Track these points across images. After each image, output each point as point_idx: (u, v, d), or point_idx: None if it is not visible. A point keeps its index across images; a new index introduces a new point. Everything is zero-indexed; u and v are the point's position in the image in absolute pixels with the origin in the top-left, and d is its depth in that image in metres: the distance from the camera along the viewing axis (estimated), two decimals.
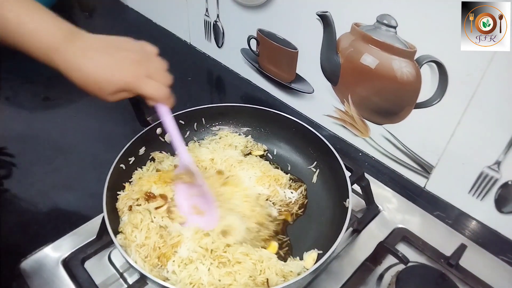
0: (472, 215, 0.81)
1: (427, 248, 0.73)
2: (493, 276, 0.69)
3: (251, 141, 0.85)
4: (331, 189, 0.76)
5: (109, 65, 0.56)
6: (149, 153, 0.78)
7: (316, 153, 0.80)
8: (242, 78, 1.17)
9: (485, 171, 0.74)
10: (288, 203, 0.74)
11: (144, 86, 0.58)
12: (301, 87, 1.00)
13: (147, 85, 0.59)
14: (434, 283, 0.65)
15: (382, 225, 0.78)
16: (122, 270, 0.68)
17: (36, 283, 0.65)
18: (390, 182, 0.87)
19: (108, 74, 0.56)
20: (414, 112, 0.80)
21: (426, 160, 0.83)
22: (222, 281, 0.57)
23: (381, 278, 0.69)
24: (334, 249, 0.59)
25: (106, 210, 0.62)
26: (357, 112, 0.90)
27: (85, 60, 0.56)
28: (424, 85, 0.75)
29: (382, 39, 0.77)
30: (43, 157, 0.91)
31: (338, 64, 0.88)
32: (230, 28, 1.11)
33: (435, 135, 0.79)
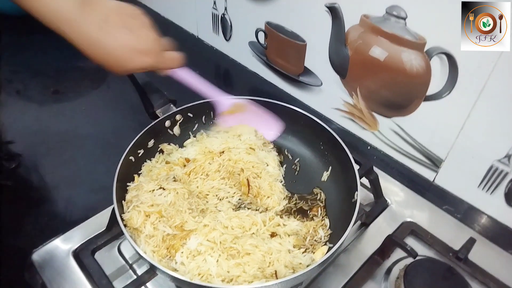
0: (481, 209, 0.80)
1: (435, 242, 0.73)
2: (503, 270, 0.68)
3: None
4: (340, 183, 0.76)
5: (131, 43, 0.56)
6: (157, 145, 0.78)
7: (325, 146, 0.80)
8: (250, 71, 1.16)
9: (495, 164, 0.74)
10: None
11: (163, 62, 0.62)
12: (309, 80, 1.00)
13: (166, 61, 0.62)
14: (442, 277, 0.65)
15: (390, 218, 0.77)
16: (131, 262, 0.69)
17: (47, 274, 0.66)
18: (398, 176, 0.87)
19: (132, 54, 0.57)
20: (423, 105, 0.79)
21: (435, 154, 0.82)
22: (230, 273, 0.58)
23: (389, 271, 0.69)
24: (342, 242, 0.59)
25: (116, 201, 0.62)
26: (366, 105, 0.90)
27: (104, 36, 0.54)
28: (434, 78, 0.75)
29: (391, 30, 0.76)
30: (53, 150, 0.92)
31: (346, 57, 0.87)
32: (238, 21, 1.11)
33: (445, 128, 0.78)
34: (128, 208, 0.64)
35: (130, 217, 0.63)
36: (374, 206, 0.78)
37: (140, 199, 0.65)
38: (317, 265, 0.56)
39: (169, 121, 0.79)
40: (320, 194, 0.76)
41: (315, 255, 0.63)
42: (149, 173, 0.72)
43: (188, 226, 0.63)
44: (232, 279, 0.58)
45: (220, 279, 0.57)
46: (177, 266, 0.60)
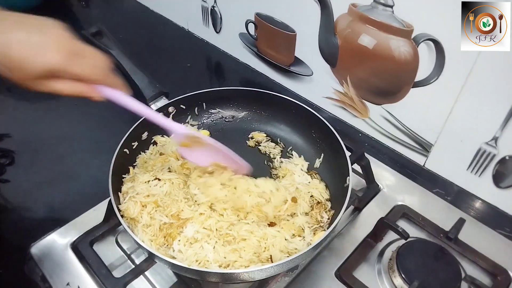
0: (470, 191, 0.82)
1: (426, 223, 0.75)
2: (491, 248, 0.71)
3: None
4: (332, 169, 0.77)
5: (35, 42, 0.48)
6: (151, 137, 0.79)
7: (316, 134, 0.81)
8: (241, 63, 1.17)
9: (483, 147, 0.76)
10: None
11: (76, 66, 0.50)
12: (300, 70, 1.01)
13: (80, 65, 0.51)
14: (434, 257, 0.67)
15: (382, 203, 0.79)
16: (129, 252, 0.70)
17: (46, 266, 0.67)
18: (390, 161, 0.89)
19: (36, 53, 0.48)
20: (412, 91, 0.80)
21: (425, 139, 0.84)
22: (227, 258, 0.59)
23: (382, 253, 0.71)
24: (335, 225, 0.60)
25: (112, 192, 0.63)
26: (356, 93, 0.91)
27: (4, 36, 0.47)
28: (422, 64, 0.76)
29: (379, 19, 0.77)
30: (47, 145, 0.92)
31: (336, 46, 0.88)
32: (227, 13, 1.11)
33: (434, 113, 0.79)
34: (124, 200, 0.65)
35: (127, 207, 0.64)
36: (366, 191, 0.80)
37: (136, 190, 0.66)
38: (311, 248, 0.58)
39: (162, 113, 0.80)
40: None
41: (313, 240, 0.65)
42: (144, 165, 0.73)
43: (184, 214, 0.64)
44: (229, 265, 0.59)
45: (217, 264, 0.59)
46: (175, 254, 0.61)
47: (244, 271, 0.56)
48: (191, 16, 1.24)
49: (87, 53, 0.52)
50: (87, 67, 0.52)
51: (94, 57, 0.53)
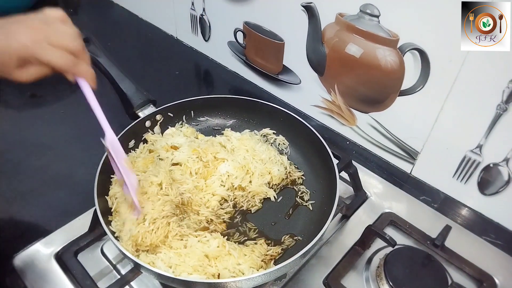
0: (456, 198, 0.83)
1: (413, 231, 0.75)
2: (477, 255, 0.71)
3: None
4: (320, 177, 0.77)
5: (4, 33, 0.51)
6: (137, 145, 0.79)
7: (304, 141, 0.81)
8: (230, 71, 1.17)
9: (468, 155, 0.77)
10: None
11: (44, 52, 0.53)
12: (288, 78, 1.02)
13: (48, 51, 0.53)
14: (421, 264, 0.67)
15: (370, 210, 0.79)
16: (115, 262, 0.69)
17: (29, 278, 0.66)
18: (377, 169, 0.89)
19: (3, 42, 0.51)
20: (398, 99, 0.81)
21: (411, 147, 0.85)
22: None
23: (370, 261, 0.71)
24: (323, 233, 0.60)
25: (98, 199, 0.62)
26: (344, 101, 0.92)
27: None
28: (408, 73, 0.77)
29: (365, 28, 0.78)
30: (32, 153, 0.91)
31: (323, 55, 0.89)
32: (216, 21, 1.12)
33: (420, 122, 0.80)
34: (112, 204, 0.64)
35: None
36: (354, 198, 0.80)
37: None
38: (299, 257, 0.58)
39: (150, 121, 0.80)
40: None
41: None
42: (134, 165, 0.72)
43: None
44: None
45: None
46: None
47: (232, 280, 0.56)
48: (179, 24, 1.25)
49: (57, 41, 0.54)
50: (54, 55, 0.53)
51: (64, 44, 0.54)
